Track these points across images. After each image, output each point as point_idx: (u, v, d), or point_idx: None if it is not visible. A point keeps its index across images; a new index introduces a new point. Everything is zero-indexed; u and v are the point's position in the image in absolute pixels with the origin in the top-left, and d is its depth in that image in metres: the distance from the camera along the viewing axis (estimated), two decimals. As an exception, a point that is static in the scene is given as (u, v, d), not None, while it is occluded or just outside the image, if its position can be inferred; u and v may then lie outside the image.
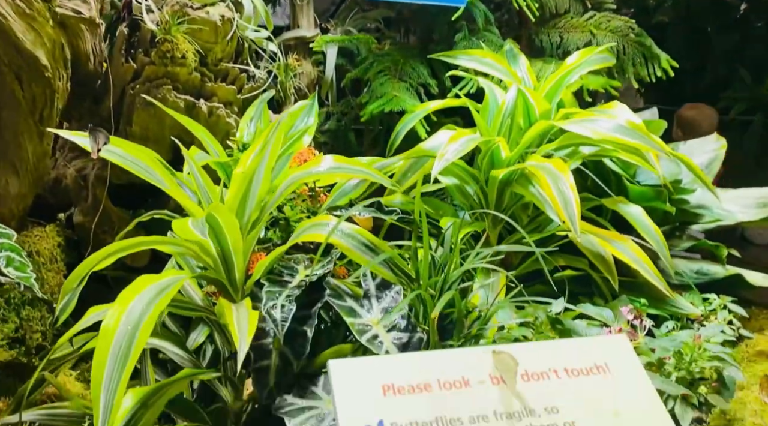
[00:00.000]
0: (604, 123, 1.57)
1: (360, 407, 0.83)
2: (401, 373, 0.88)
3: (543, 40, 2.59)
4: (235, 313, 1.07)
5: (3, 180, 1.83)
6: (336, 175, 1.48)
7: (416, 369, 0.89)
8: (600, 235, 1.61)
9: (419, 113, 2.00)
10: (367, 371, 0.88)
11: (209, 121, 2.00)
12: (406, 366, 0.89)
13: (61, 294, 1.35)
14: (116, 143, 1.28)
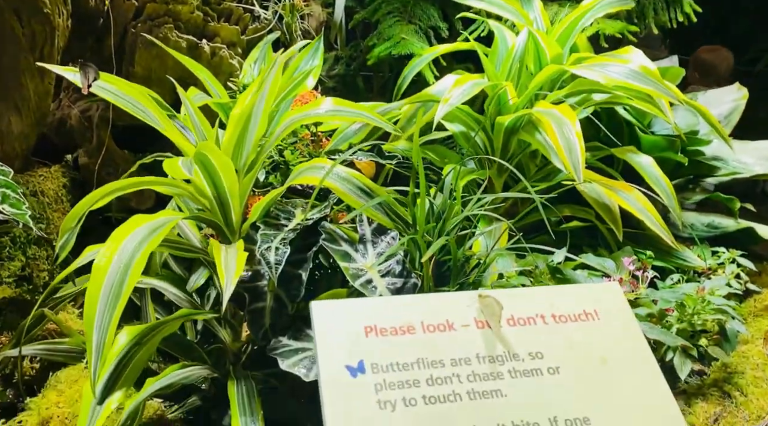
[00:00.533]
0: (616, 68, 1.51)
1: (341, 348, 0.83)
2: (384, 315, 0.87)
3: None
4: (224, 254, 1.07)
5: (5, 119, 1.82)
6: (335, 118, 1.44)
7: (400, 311, 0.88)
8: (606, 185, 1.57)
9: (427, 57, 1.94)
10: (349, 313, 0.87)
11: (212, 63, 1.96)
12: (389, 308, 0.88)
13: (60, 233, 1.35)
14: (110, 80, 1.25)
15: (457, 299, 0.91)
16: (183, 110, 1.39)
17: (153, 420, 1.31)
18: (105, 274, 1.07)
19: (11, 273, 1.82)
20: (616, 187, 1.56)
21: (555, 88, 1.79)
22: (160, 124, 1.26)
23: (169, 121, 1.31)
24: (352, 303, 0.91)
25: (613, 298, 0.96)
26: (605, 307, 0.94)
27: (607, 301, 0.96)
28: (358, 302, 0.91)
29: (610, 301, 0.96)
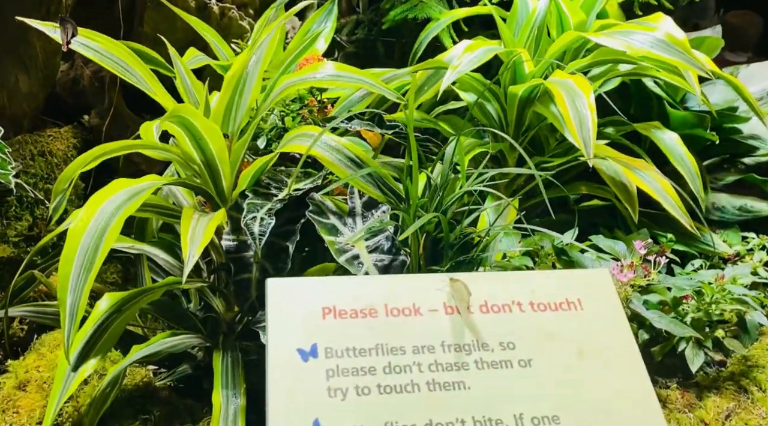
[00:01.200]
0: (640, 36, 1.39)
1: (294, 329, 0.77)
2: (346, 296, 0.81)
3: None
4: (193, 224, 1.02)
5: (13, 77, 1.80)
6: (334, 83, 1.37)
7: (363, 293, 0.81)
8: (623, 163, 1.47)
9: (444, 21, 1.85)
10: (307, 292, 0.81)
11: (221, 24, 1.91)
12: (351, 289, 0.82)
13: (52, 195, 1.34)
14: (94, 38, 1.20)
15: (426, 282, 0.84)
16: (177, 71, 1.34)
17: (139, 387, 1.30)
18: (80, 238, 1.04)
19: (18, 232, 1.82)
20: (633, 165, 1.46)
21: (579, 56, 1.68)
22: (148, 87, 1.22)
23: (158, 83, 1.26)
24: (311, 281, 0.85)
25: (600, 286, 0.88)
26: (590, 295, 0.86)
27: (594, 289, 0.87)
28: (317, 281, 0.85)
29: (596, 289, 0.88)
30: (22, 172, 1.84)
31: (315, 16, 1.98)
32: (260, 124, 1.55)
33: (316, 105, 1.64)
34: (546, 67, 1.56)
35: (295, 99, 1.65)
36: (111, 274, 1.86)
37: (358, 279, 0.96)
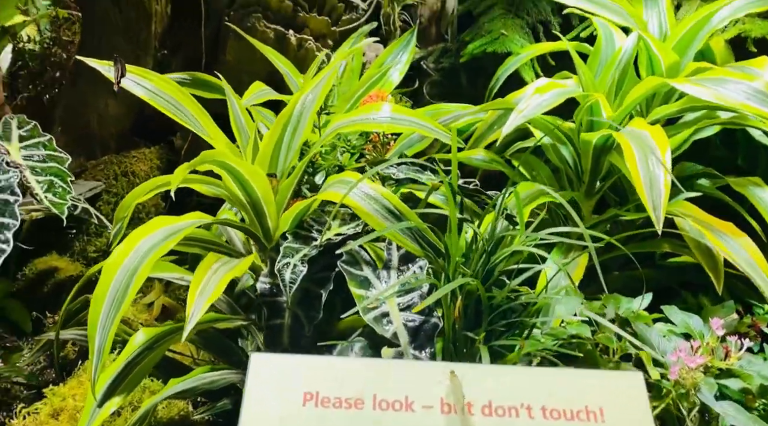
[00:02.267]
0: (735, 85, 1.22)
1: (269, 415, 0.71)
2: (332, 381, 0.73)
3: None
4: (209, 274, 1.00)
5: (103, 102, 1.91)
6: (385, 127, 1.32)
7: (352, 378, 0.74)
8: (707, 225, 1.30)
9: (522, 57, 1.74)
10: (291, 372, 0.75)
11: (298, 55, 1.91)
12: (340, 373, 0.75)
13: (114, 221, 1.38)
14: (145, 75, 1.23)
15: (424, 372, 0.75)
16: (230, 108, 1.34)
17: (174, 421, 1.30)
18: (114, 275, 1.05)
19: (96, 248, 1.92)
20: (719, 229, 1.29)
21: (669, 101, 1.52)
22: (199, 126, 1.22)
23: (210, 121, 1.26)
24: (297, 360, 0.79)
25: (630, 393, 0.75)
26: (616, 404, 0.73)
27: (621, 397, 0.75)
28: (304, 360, 0.79)
29: (624, 397, 0.75)
30: (105, 191, 1.94)
31: (393, 47, 1.94)
32: (319, 159, 1.53)
33: (379, 140, 1.60)
34: (627, 113, 1.42)
35: (361, 133, 1.62)
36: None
37: (348, 361, 0.89)
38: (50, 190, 1.24)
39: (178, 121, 1.22)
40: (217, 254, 1.10)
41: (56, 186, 1.25)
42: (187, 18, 2.02)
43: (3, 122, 1.37)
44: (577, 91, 1.41)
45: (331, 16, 1.98)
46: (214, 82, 1.70)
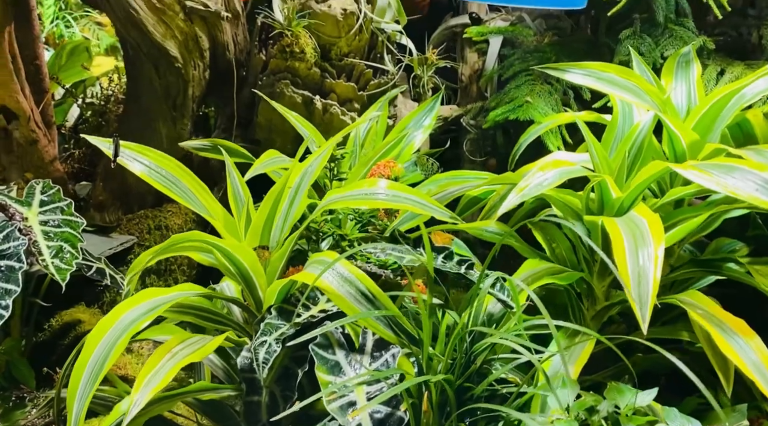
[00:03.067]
0: (742, 174, 1.14)
1: None
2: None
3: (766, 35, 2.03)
4: (163, 361, 1.02)
5: (140, 159, 2.01)
6: (376, 203, 1.31)
7: None
8: (717, 320, 1.20)
9: (543, 126, 1.71)
10: None
11: (324, 119, 1.96)
12: None
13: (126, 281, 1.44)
14: (143, 152, 1.29)
15: None
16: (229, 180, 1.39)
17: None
18: (95, 346, 1.09)
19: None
20: (728, 327, 1.19)
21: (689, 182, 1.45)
22: (196, 201, 1.27)
23: (208, 195, 1.31)
24: None
25: None
26: None
27: None
28: None
29: None
30: (138, 244, 2.03)
31: (416, 111, 1.96)
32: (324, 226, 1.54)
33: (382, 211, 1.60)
34: (637, 195, 1.36)
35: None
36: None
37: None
38: (58, 255, 1.32)
39: (174, 198, 1.26)
40: (185, 334, 1.12)
41: (65, 251, 1.33)
42: (226, 82, 2.11)
43: (28, 186, 1.48)
44: (583, 171, 1.36)
45: (359, 81, 2.02)
46: (233, 147, 1.77)
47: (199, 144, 1.75)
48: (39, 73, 2.12)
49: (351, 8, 1.90)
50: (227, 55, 2.06)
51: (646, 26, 1.98)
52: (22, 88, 1.94)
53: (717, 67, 1.90)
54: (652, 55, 1.85)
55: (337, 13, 1.88)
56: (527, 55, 1.99)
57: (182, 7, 1.84)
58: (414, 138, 1.90)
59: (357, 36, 1.97)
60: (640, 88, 1.41)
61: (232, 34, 2.06)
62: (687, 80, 1.63)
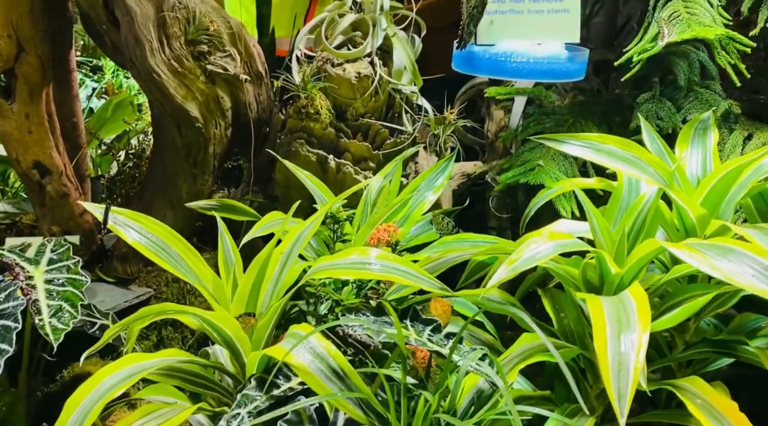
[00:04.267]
0: (739, 258, 1.07)
1: None
2: None
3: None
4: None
5: (162, 213, 2.08)
6: (363, 274, 1.30)
7: None
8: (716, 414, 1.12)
9: (552, 191, 1.67)
10: None
11: (338, 178, 1.98)
12: None
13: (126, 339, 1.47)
14: (134, 218, 1.32)
15: None
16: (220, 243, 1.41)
17: None
18: (72, 413, 1.12)
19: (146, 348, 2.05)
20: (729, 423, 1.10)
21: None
22: (186, 268, 1.29)
23: (200, 262, 1.33)
24: None
25: None
26: None
27: None
28: None
29: None
30: (154, 297, 2.08)
31: (428, 171, 1.95)
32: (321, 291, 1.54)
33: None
34: (637, 271, 1.30)
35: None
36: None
37: None
38: (56, 314, 1.36)
39: (161, 264, 1.29)
40: (152, 406, 1.13)
41: (64, 311, 1.38)
42: (248, 140, 2.17)
43: (40, 245, 1.55)
44: (580, 245, 1.32)
45: (375, 140, 2.04)
46: (240, 206, 1.80)
47: (206, 204, 1.80)
48: (75, 130, 2.25)
49: (365, 72, 1.93)
50: (249, 114, 2.12)
51: (669, 89, 1.93)
52: (56, 144, 2.06)
53: (744, 131, 1.83)
54: (671, 120, 1.79)
55: (351, 76, 1.91)
56: (543, 117, 1.96)
57: (203, 70, 1.91)
58: (425, 198, 1.90)
59: (373, 97, 1.99)
60: (643, 160, 1.36)
61: (255, 94, 2.12)
62: (703, 148, 1.57)
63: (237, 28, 2.00)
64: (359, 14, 2.00)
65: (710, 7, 1.61)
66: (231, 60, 1.94)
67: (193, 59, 1.89)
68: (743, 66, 1.67)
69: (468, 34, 1.33)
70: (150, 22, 1.83)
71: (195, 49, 1.88)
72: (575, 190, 1.84)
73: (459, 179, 2.54)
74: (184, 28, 1.86)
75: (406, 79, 1.99)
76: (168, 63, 1.85)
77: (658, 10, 1.66)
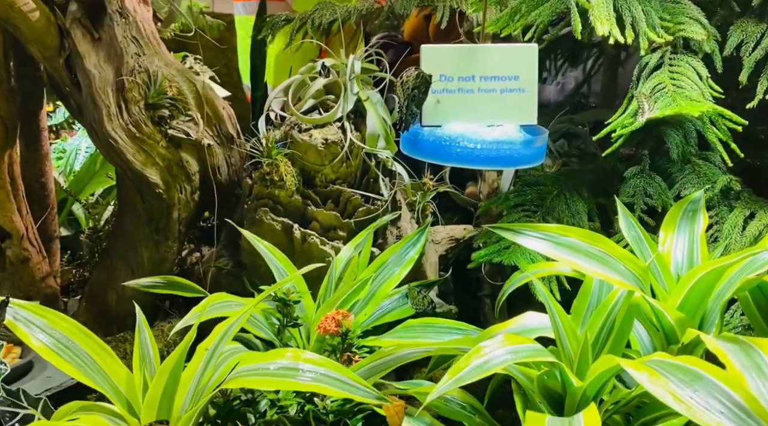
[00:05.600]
0: (707, 387, 0.90)
1: None
2: None
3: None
4: None
5: (122, 280, 1.97)
6: (291, 385, 1.15)
7: None
8: None
9: (524, 276, 1.51)
10: None
11: (303, 248, 1.86)
12: None
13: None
14: (36, 311, 1.20)
15: None
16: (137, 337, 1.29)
17: None
18: None
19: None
20: None
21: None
22: (90, 365, 1.17)
23: (113, 360, 1.21)
24: None
25: None
26: None
27: None
28: None
29: None
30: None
31: (398, 245, 1.82)
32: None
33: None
34: (599, 387, 1.13)
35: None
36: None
37: None
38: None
39: (64, 369, 1.17)
40: None
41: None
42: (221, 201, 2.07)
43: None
44: (535, 353, 1.15)
45: (347, 208, 1.92)
46: (186, 283, 1.69)
47: (149, 281, 1.69)
48: (44, 190, 2.18)
49: (333, 138, 1.82)
50: (219, 177, 2.02)
51: (664, 159, 1.77)
52: (18, 207, 1.99)
53: (746, 209, 1.65)
54: (661, 198, 1.63)
55: (318, 143, 1.80)
56: (526, 187, 1.81)
57: (164, 135, 1.83)
58: (393, 273, 1.76)
59: (344, 163, 1.88)
60: (611, 256, 1.20)
61: (225, 157, 2.03)
62: (691, 234, 1.40)
63: (204, 90, 1.91)
64: (331, 77, 1.90)
65: (699, 79, 1.46)
66: (194, 124, 1.85)
67: (153, 124, 1.81)
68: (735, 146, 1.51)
69: (410, 115, 1.21)
70: (108, 86, 1.76)
71: (155, 114, 1.80)
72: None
73: (447, 244, 2.39)
74: (144, 92, 1.78)
75: (382, 144, 1.87)
76: (126, 128, 1.77)
77: (642, 81, 1.51)
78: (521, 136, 1.20)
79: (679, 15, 1.55)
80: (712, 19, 1.76)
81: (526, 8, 1.58)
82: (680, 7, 1.60)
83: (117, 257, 1.99)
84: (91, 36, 1.79)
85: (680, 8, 1.59)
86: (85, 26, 1.80)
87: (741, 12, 1.69)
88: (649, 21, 1.50)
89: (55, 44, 1.79)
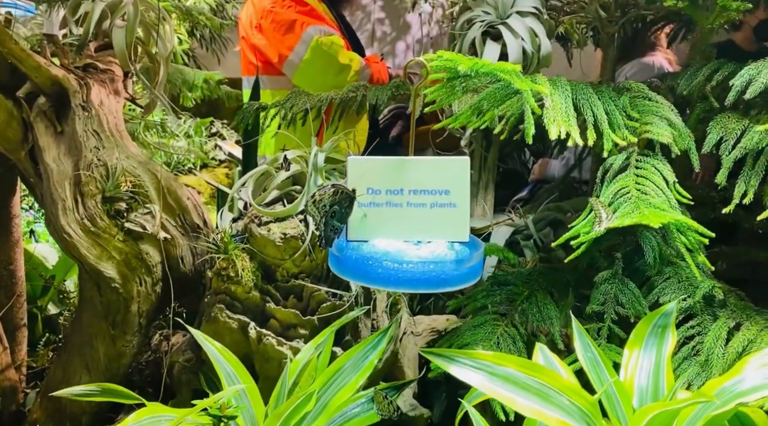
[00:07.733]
0: None
1: None
2: None
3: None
4: None
5: (77, 376, 1.90)
6: None
7: None
8: None
9: (481, 394, 1.38)
10: None
11: (259, 348, 1.76)
12: None
13: None
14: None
15: None
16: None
17: None
18: None
19: None
20: None
21: None
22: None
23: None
24: None
25: None
26: None
27: None
28: None
29: None
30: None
31: (357, 348, 1.70)
32: None
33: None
34: None
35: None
36: None
37: None
38: None
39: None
40: None
41: None
42: (184, 293, 2.01)
43: None
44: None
45: (310, 303, 1.82)
46: (123, 391, 1.60)
47: (81, 390, 1.61)
48: (12, 277, 2.15)
49: (293, 232, 1.74)
50: (182, 268, 1.96)
51: (643, 261, 1.64)
52: (-21, 297, 1.95)
53: (730, 320, 1.50)
54: (634, 307, 1.50)
55: (276, 238, 1.73)
56: (495, 287, 1.70)
57: (120, 228, 1.78)
58: (349, 381, 1.64)
59: (308, 257, 1.80)
60: (552, 388, 1.07)
61: (190, 247, 1.97)
62: (658, 354, 1.26)
63: (167, 181, 1.88)
64: (296, 168, 1.84)
65: (665, 184, 1.35)
66: (151, 217, 1.80)
67: (110, 217, 1.76)
68: (704, 257, 1.39)
69: (332, 231, 1.13)
70: (66, 179, 1.74)
71: (112, 207, 1.76)
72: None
73: (429, 336, 2.27)
74: (102, 186, 1.75)
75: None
76: (80, 222, 1.73)
77: (606, 183, 1.41)
78: (452, 254, 1.10)
79: (648, 114, 1.46)
80: (693, 112, 1.67)
81: (487, 105, 1.51)
82: (651, 105, 1.51)
83: (73, 353, 1.91)
84: (54, 129, 1.78)
85: (651, 106, 1.50)
86: (50, 119, 1.80)
87: (720, 107, 1.59)
88: (613, 121, 1.42)
89: (17, 138, 1.78)
